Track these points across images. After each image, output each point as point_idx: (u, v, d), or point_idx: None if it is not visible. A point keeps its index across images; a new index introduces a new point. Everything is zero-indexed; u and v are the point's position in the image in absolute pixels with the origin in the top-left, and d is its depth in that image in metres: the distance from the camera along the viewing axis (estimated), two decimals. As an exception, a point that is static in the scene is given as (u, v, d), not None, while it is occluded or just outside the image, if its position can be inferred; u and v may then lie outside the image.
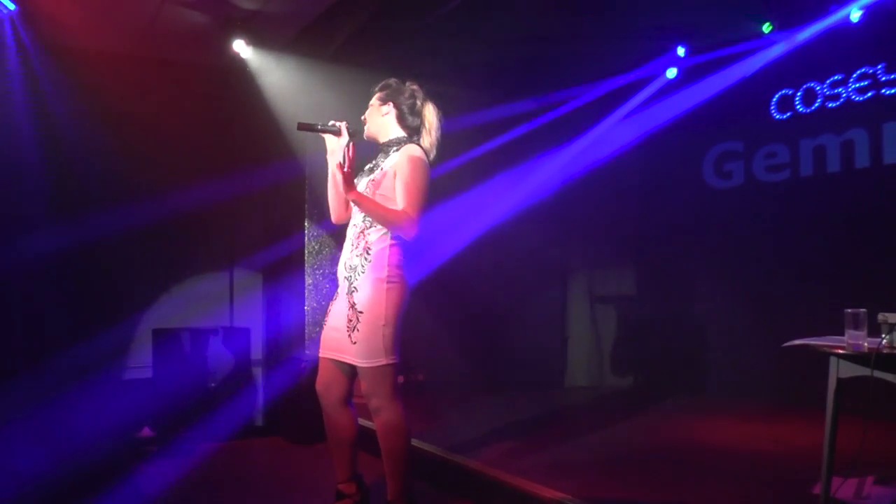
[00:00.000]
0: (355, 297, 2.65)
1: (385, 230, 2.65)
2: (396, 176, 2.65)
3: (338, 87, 4.54)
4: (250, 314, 5.37)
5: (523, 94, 5.55)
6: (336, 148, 2.82)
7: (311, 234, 5.10)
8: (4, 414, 4.15)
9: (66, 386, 4.43)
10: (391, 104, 2.80)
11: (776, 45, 4.91)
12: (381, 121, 2.81)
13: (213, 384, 4.78)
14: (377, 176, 2.71)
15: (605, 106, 5.74)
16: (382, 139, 2.82)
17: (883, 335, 2.38)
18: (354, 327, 2.63)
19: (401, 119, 2.81)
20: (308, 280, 5.08)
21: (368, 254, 2.65)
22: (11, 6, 4.26)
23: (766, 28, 4.89)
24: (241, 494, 3.54)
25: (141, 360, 4.96)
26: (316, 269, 5.09)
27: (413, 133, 2.82)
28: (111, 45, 4.90)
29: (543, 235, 6.07)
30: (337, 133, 2.79)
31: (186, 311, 5.09)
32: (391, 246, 2.66)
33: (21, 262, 4.58)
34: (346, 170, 2.55)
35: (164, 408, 4.46)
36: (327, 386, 2.80)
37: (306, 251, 5.10)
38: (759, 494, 3.03)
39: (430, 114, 2.81)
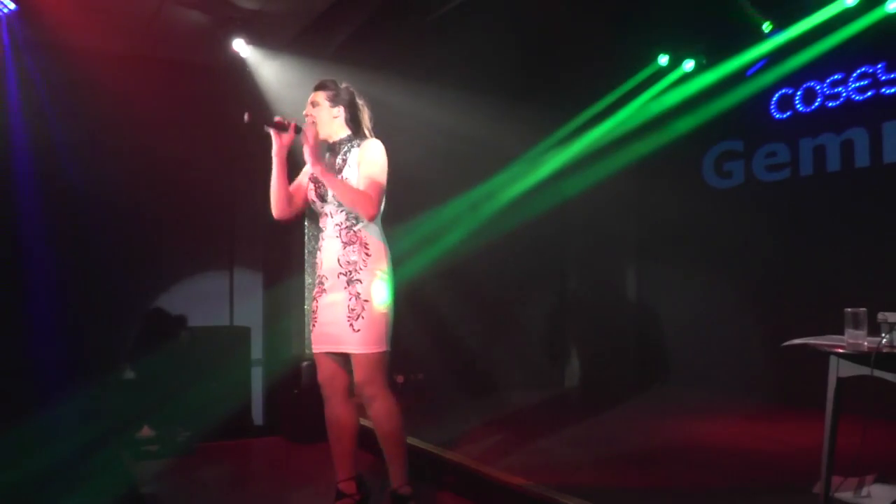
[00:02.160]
0: (359, 288, 2.72)
1: (379, 227, 2.80)
2: (361, 165, 2.77)
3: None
4: (250, 314, 5.36)
5: (522, 94, 5.55)
6: (283, 145, 2.84)
7: (310, 233, 5.09)
8: (6, 413, 4.15)
9: (66, 385, 4.42)
10: (341, 107, 2.89)
11: (776, 44, 4.91)
12: (332, 122, 2.88)
13: (213, 384, 4.77)
14: (341, 167, 2.80)
15: (606, 106, 5.74)
16: (333, 139, 2.90)
17: (883, 334, 2.39)
18: (358, 316, 2.71)
19: (348, 120, 2.90)
20: (308, 280, 5.08)
21: (368, 248, 2.77)
22: (11, 5, 4.25)
23: (767, 27, 4.88)
24: (241, 494, 3.54)
25: (140, 360, 4.95)
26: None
27: (356, 132, 2.90)
28: (111, 45, 4.88)
29: (543, 234, 6.07)
30: (285, 130, 2.80)
31: (186, 310, 5.10)
32: (383, 242, 2.82)
33: (19, 261, 4.58)
34: (311, 143, 2.71)
35: (163, 407, 4.45)
36: (331, 377, 2.86)
37: (306, 251, 5.10)
38: (759, 494, 3.03)
39: (366, 115, 2.94)
